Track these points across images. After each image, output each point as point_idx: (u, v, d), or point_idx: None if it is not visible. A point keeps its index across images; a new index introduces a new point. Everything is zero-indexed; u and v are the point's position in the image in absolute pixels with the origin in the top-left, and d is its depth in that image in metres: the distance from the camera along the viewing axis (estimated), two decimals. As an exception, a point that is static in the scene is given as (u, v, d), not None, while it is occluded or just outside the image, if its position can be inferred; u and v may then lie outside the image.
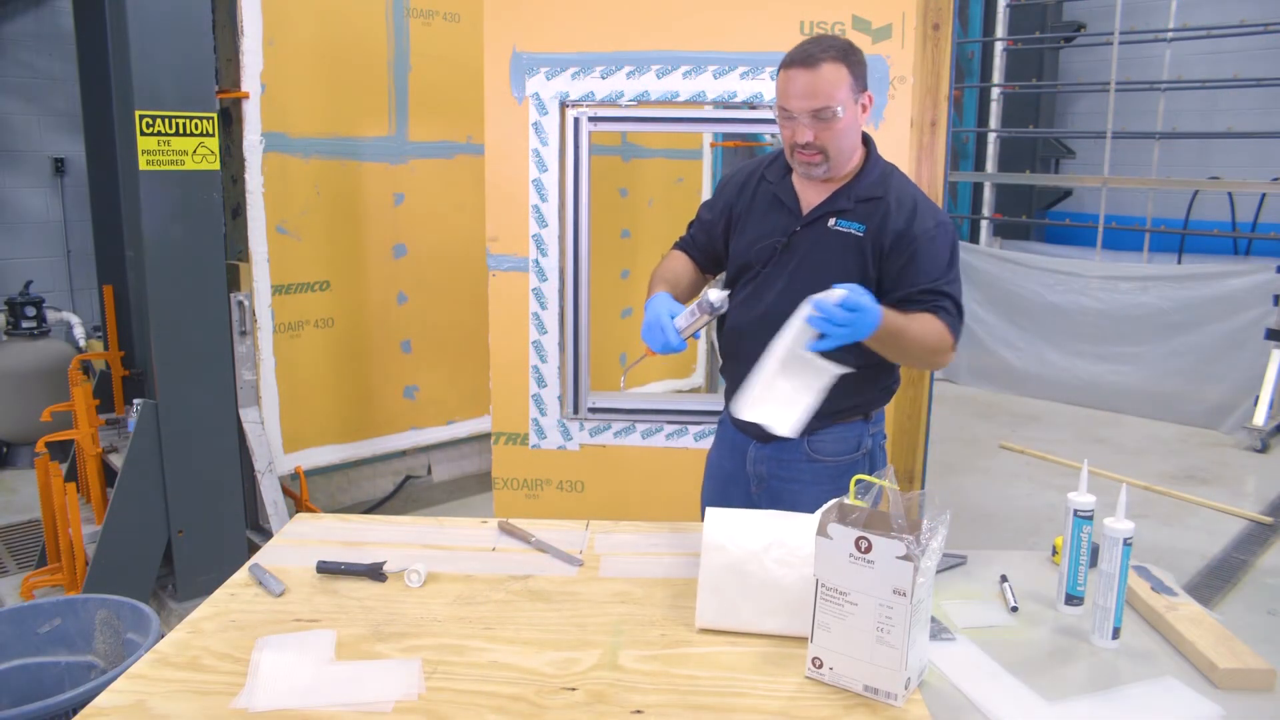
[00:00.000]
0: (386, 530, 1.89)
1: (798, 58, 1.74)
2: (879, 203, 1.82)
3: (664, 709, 1.26)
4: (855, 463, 1.94)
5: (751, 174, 2.00)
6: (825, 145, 1.76)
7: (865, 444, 1.95)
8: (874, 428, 1.98)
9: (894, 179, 1.88)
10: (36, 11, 5.75)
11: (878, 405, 1.98)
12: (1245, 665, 1.35)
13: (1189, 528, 4.16)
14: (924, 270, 1.78)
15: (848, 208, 1.84)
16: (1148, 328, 5.86)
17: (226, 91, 3.38)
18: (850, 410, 1.91)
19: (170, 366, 3.06)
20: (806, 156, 1.78)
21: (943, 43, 2.99)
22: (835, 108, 1.72)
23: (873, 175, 1.86)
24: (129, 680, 1.32)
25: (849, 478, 1.88)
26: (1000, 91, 7.62)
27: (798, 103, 1.73)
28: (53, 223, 5.96)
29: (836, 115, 1.73)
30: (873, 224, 1.81)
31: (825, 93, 1.71)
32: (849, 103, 1.74)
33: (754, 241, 1.92)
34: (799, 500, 1.87)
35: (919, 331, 1.74)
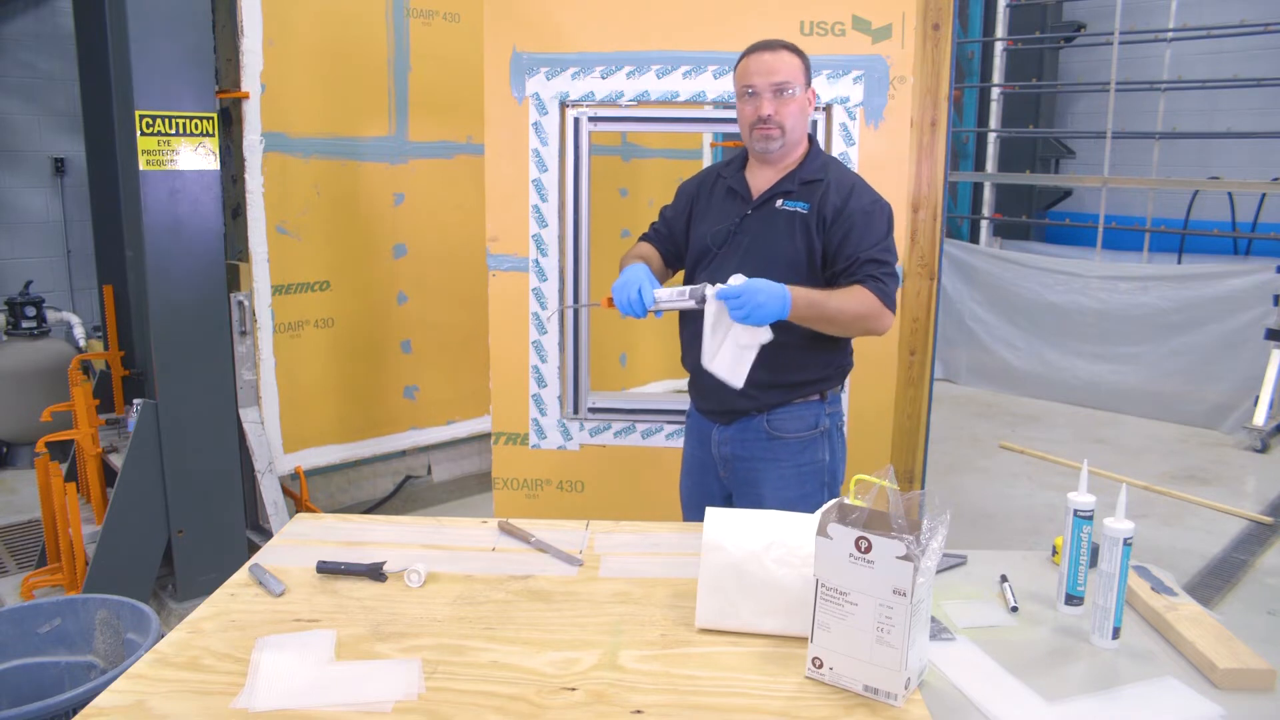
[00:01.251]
0: (386, 530, 1.89)
1: (760, 44, 2.03)
2: (820, 184, 2.02)
3: (664, 709, 1.26)
4: (813, 440, 2.08)
5: (710, 174, 2.22)
6: (782, 121, 1.99)
7: (822, 423, 2.09)
8: (830, 408, 2.11)
9: (834, 166, 2.09)
10: (36, 11, 5.75)
11: (832, 384, 2.10)
12: (1245, 665, 1.35)
13: (1189, 528, 4.16)
14: (857, 242, 1.96)
15: (793, 189, 2.04)
16: (1148, 328, 5.86)
17: (226, 91, 3.38)
18: (805, 387, 2.06)
19: (170, 366, 3.06)
20: (765, 130, 2.00)
21: (943, 43, 2.99)
22: (794, 85, 1.99)
23: (815, 162, 2.07)
24: (129, 680, 1.32)
25: (808, 455, 2.04)
26: (1000, 91, 7.63)
27: (760, 79, 1.98)
28: (53, 223, 5.96)
29: (794, 93, 1.99)
30: (815, 202, 2.01)
31: (785, 70, 1.98)
32: (802, 88, 2.01)
33: (708, 230, 2.11)
34: (763, 478, 2.06)
35: (840, 303, 1.90)
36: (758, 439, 2.07)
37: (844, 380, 2.15)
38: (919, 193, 3.06)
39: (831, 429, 2.10)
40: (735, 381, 1.89)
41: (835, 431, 2.12)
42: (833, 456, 2.11)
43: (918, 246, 3.08)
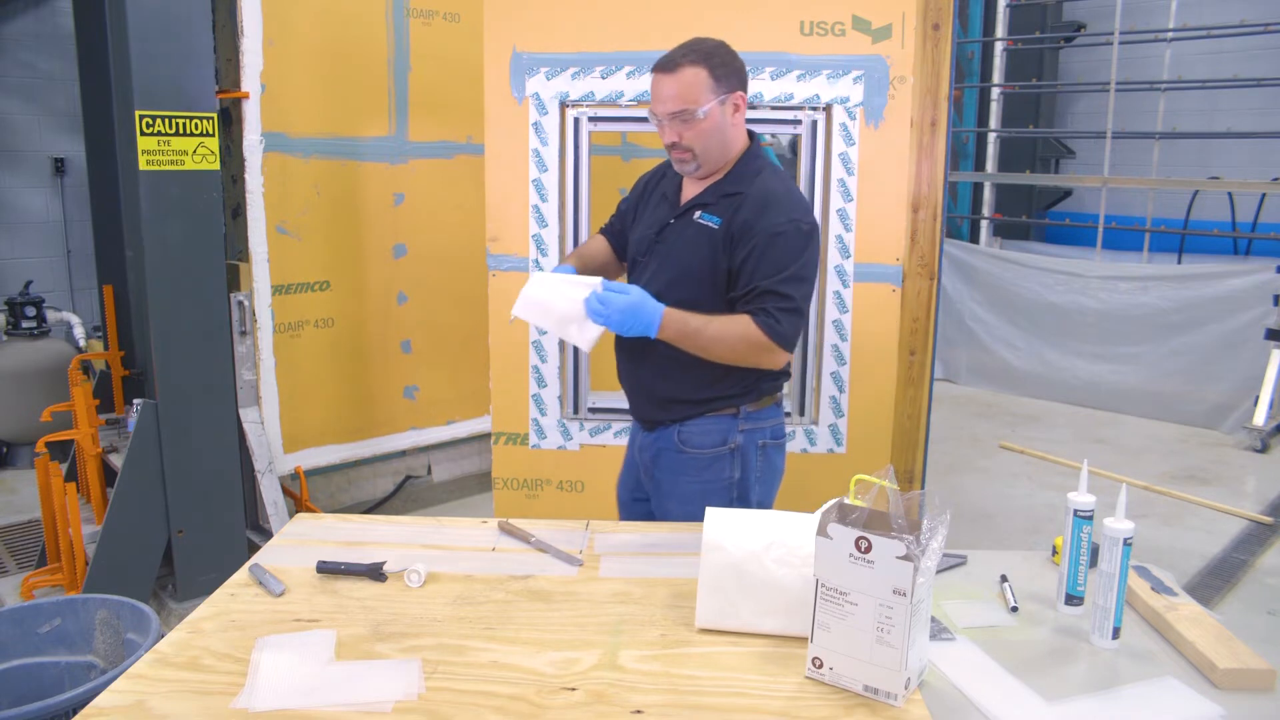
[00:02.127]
0: (386, 530, 1.89)
1: (660, 63, 1.88)
2: (737, 197, 1.89)
3: (664, 709, 1.26)
4: (720, 457, 1.99)
5: (658, 172, 2.12)
6: (691, 145, 1.87)
7: (733, 439, 1.98)
8: (746, 424, 2.00)
9: (762, 177, 1.93)
10: (36, 11, 5.75)
11: (747, 400, 1.99)
12: (1245, 665, 1.35)
13: (1189, 528, 4.16)
14: (754, 269, 1.83)
15: (711, 202, 1.92)
16: (1148, 328, 5.86)
17: (226, 91, 3.38)
18: (716, 402, 1.97)
19: (170, 366, 3.06)
20: (677, 155, 1.91)
21: (943, 43, 2.99)
22: (694, 110, 1.83)
23: (743, 172, 1.93)
24: (129, 680, 1.32)
25: (712, 471, 1.97)
26: (1000, 91, 7.62)
27: (659, 106, 1.87)
28: (53, 223, 5.96)
29: (696, 116, 1.84)
30: (727, 217, 1.89)
31: (681, 96, 1.83)
32: (711, 104, 1.84)
33: (640, 234, 2.05)
34: (673, 490, 2.01)
35: (718, 333, 1.82)
36: (669, 449, 2.02)
37: (769, 397, 2.03)
38: (919, 193, 3.06)
39: (746, 446, 2.00)
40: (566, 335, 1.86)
41: (752, 449, 2.00)
42: (745, 474, 2.01)
43: (918, 246, 3.09)
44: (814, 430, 2.93)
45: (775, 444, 2.05)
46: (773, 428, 2.04)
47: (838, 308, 2.86)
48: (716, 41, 1.92)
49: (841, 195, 2.81)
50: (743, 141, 1.96)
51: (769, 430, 2.03)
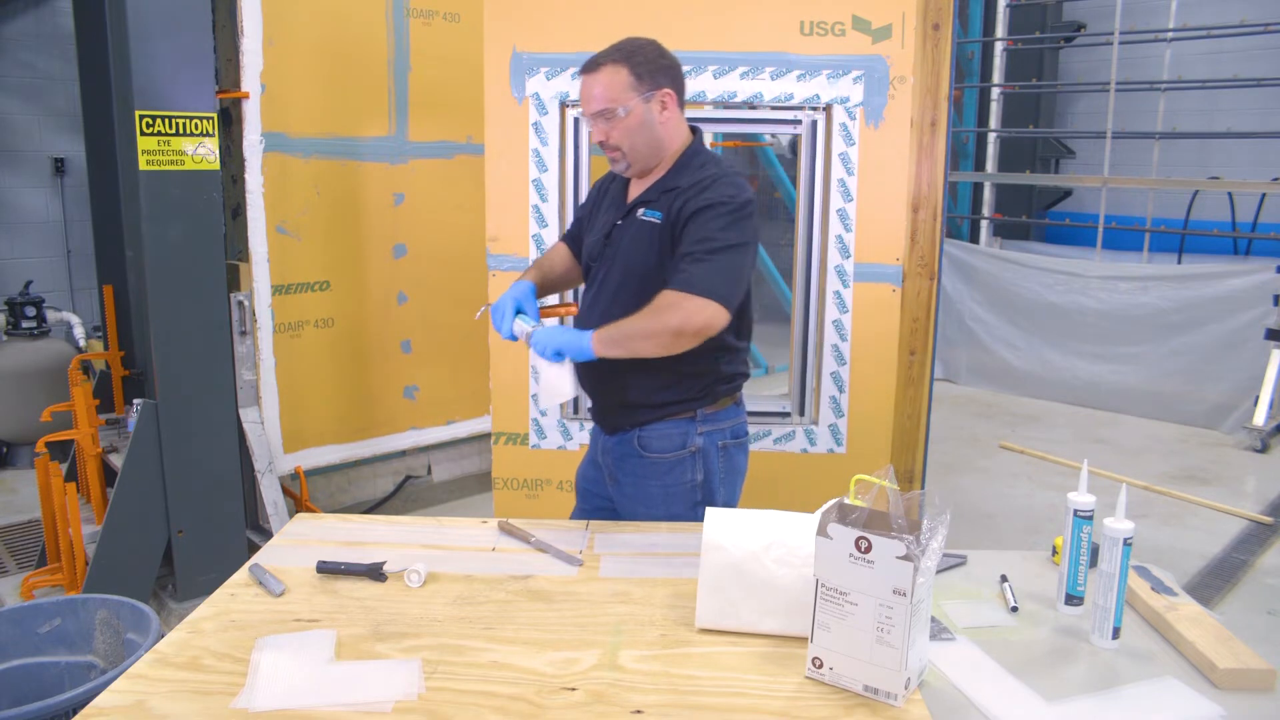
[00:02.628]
0: (386, 530, 1.89)
1: (584, 65, 1.92)
2: (677, 191, 1.90)
3: (664, 709, 1.26)
4: (681, 460, 1.99)
5: (610, 175, 2.12)
6: (619, 143, 1.90)
7: (693, 442, 1.99)
8: (705, 426, 1.99)
9: (700, 169, 1.93)
10: (36, 11, 5.75)
11: (703, 403, 1.99)
12: (1245, 665, 1.35)
13: (1189, 528, 4.16)
14: (689, 237, 1.84)
15: (653, 198, 1.94)
16: (1148, 328, 5.86)
17: (226, 91, 3.38)
18: (673, 406, 1.98)
19: (170, 366, 3.06)
20: (609, 154, 1.94)
21: (943, 43, 2.99)
22: (615, 109, 1.87)
23: (684, 166, 1.94)
24: (129, 680, 1.32)
25: (675, 475, 1.97)
26: (1000, 91, 7.63)
27: (584, 107, 1.91)
28: (53, 223, 5.96)
29: (618, 115, 1.87)
30: (668, 210, 1.90)
31: (600, 96, 1.87)
32: (634, 102, 1.87)
33: (591, 240, 2.08)
34: (637, 494, 2.02)
35: (642, 325, 1.80)
36: (630, 454, 2.02)
37: (727, 398, 2.03)
38: (919, 193, 3.07)
39: (707, 448, 2.00)
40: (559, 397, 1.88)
41: (713, 450, 2.01)
42: (707, 476, 2.01)
43: (918, 246, 3.09)
44: (814, 430, 2.93)
45: (736, 443, 2.06)
46: (733, 427, 2.05)
47: (838, 308, 2.86)
48: (645, 40, 1.95)
49: (841, 195, 2.81)
50: (683, 137, 1.97)
51: (729, 430, 2.03)
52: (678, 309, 1.77)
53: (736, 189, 1.88)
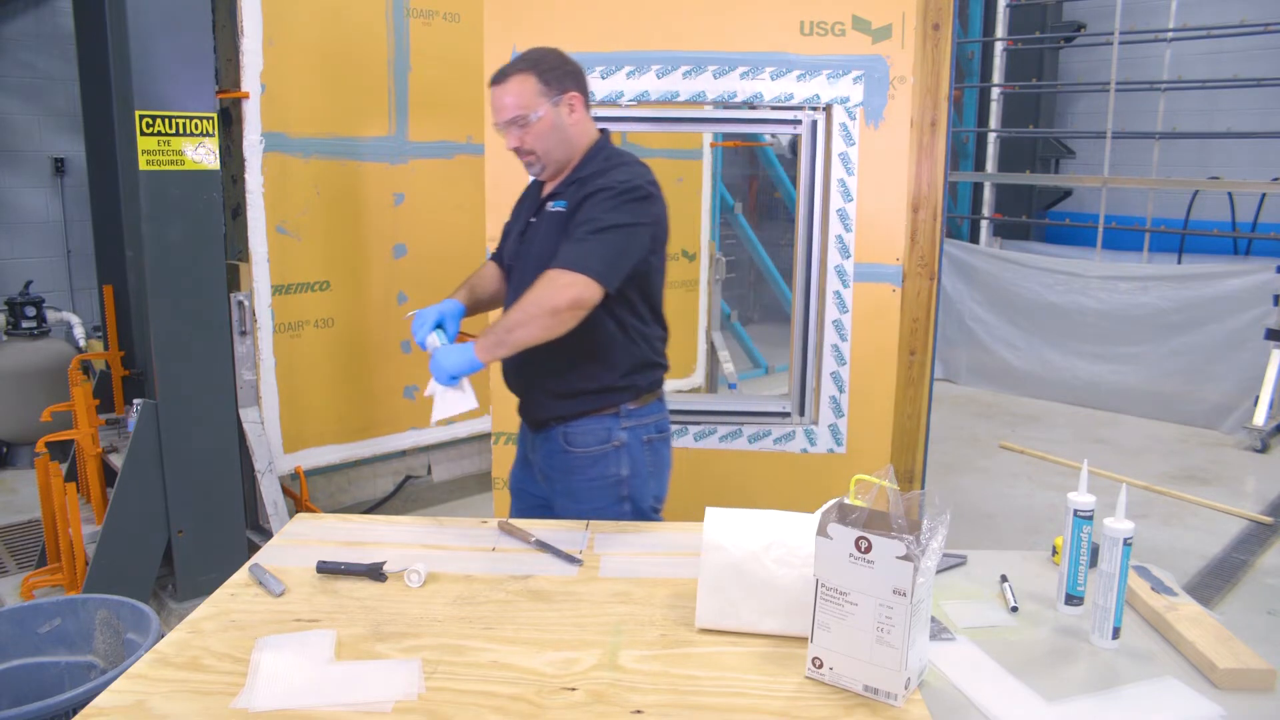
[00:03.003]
0: (386, 530, 1.89)
1: (492, 77, 1.99)
2: (580, 180, 1.99)
3: (664, 709, 1.26)
4: (605, 455, 2.03)
5: (526, 188, 2.23)
6: (533, 147, 1.98)
7: (617, 437, 2.03)
8: (629, 421, 2.04)
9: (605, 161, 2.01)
10: (36, 11, 5.75)
11: (626, 398, 2.04)
12: (1245, 665, 1.35)
13: (1189, 528, 4.16)
14: (576, 221, 1.91)
15: (560, 192, 2.03)
16: (1148, 328, 5.86)
17: (226, 91, 3.38)
18: (594, 399, 2.02)
19: (170, 366, 3.06)
20: (524, 159, 2.02)
21: (943, 43, 2.99)
22: (527, 115, 1.95)
23: (590, 159, 2.03)
24: (129, 680, 1.32)
25: (599, 468, 2.02)
26: (1000, 91, 7.63)
27: (496, 117, 1.98)
28: (53, 223, 5.96)
29: (528, 121, 1.95)
30: (572, 199, 1.98)
31: (511, 104, 1.95)
32: (543, 107, 1.96)
33: (510, 244, 2.15)
34: (565, 489, 2.07)
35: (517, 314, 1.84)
36: (557, 450, 2.06)
37: (649, 393, 2.08)
38: (919, 193, 3.07)
39: (631, 443, 2.04)
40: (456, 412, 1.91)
41: (637, 444, 2.05)
42: (633, 471, 2.05)
43: (918, 246, 3.09)
44: (814, 430, 2.93)
45: (660, 438, 2.11)
46: (656, 422, 2.10)
47: (838, 308, 2.86)
48: (547, 49, 2.03)
49: (841, 195, 2.81)
50: (590, 136, 2.05)
51: (653, 425, 2.09)
52: (547, 285, 1.83)
53: (631, 175, 1.95)
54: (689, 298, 5.20)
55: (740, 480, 2.95)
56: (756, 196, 8.85)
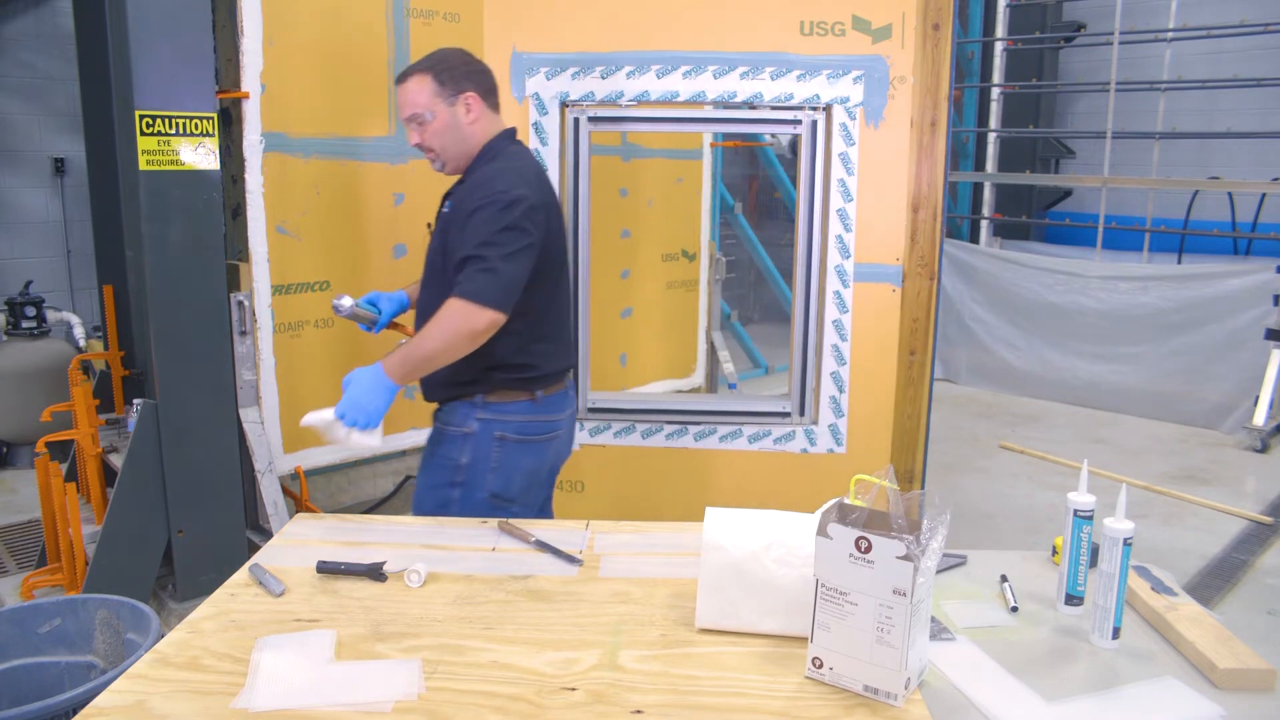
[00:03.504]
0: (386, 530, 1.89)
1: (398, 76, 2.09)
2: (465, 184, 2.08)
3: (664, 709, 1.26)
4: (455, 438, 2.12)
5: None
6: (431, 144, 2.07)
7: (469, 425, 2.10)
8: (484, 413, 2.10)
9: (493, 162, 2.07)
10: (36, 11, 5.75)
11: (480, 389, 2.10)
12: (1245, 665, 1.35)
13: (1189, 528, 4.16)
14: (463, 244, 1.96)
15: (453, 192, 2.13)
16: (1148, 328, 5.86)
17: (226, 91, 3.38)
18: (456, 388, 2.11)
19: (170, 366, 3.06)
20: (427, 155, 2.11)
21: (943, 43, 2.99)
22: (423, 114, 2.04)
23: (480, 158, 2.09)
24: (129, 680, 1.32)
25: (445, 448, 2.10)
26: (1000, 91, 7.63)
27: (400, 114, 2.08)
28: (53, 223, 5.96)
29: (426, 119, 2.05)
30: (456, 201, 2.07)
31: (410, 103, 2.06)
32: (439, 107, 2.04)
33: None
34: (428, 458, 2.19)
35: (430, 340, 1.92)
36: (435, 426, 2.19)
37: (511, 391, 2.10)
38: (919, 193, 3.06)
39: (480, 434, 2.08)
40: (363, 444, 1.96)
41: (487, 437, 2.08)
42: (473, 461, 2.09)
43: (918, 246, 3.08)
44: (814, 430, 2.93)
45: (520, 440, 2.10)
46: (520, 423, 2.10)
47: (838, 308, 2.86)
48: (453, 50, 2.11)
49: (841, 195, 2.81)
50: (488, 135, 2.11)
51: (513, 425, 2.10)
52: (453, 318, 1.91)
53: (509, 184, 1.98)
54: (689, 298, 5.20)
55: (740, 480, 2.95)
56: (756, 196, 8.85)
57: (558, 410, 2.18)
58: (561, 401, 2.20)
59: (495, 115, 2.14)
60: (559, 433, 2.20)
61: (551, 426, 2.17)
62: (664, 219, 4.89)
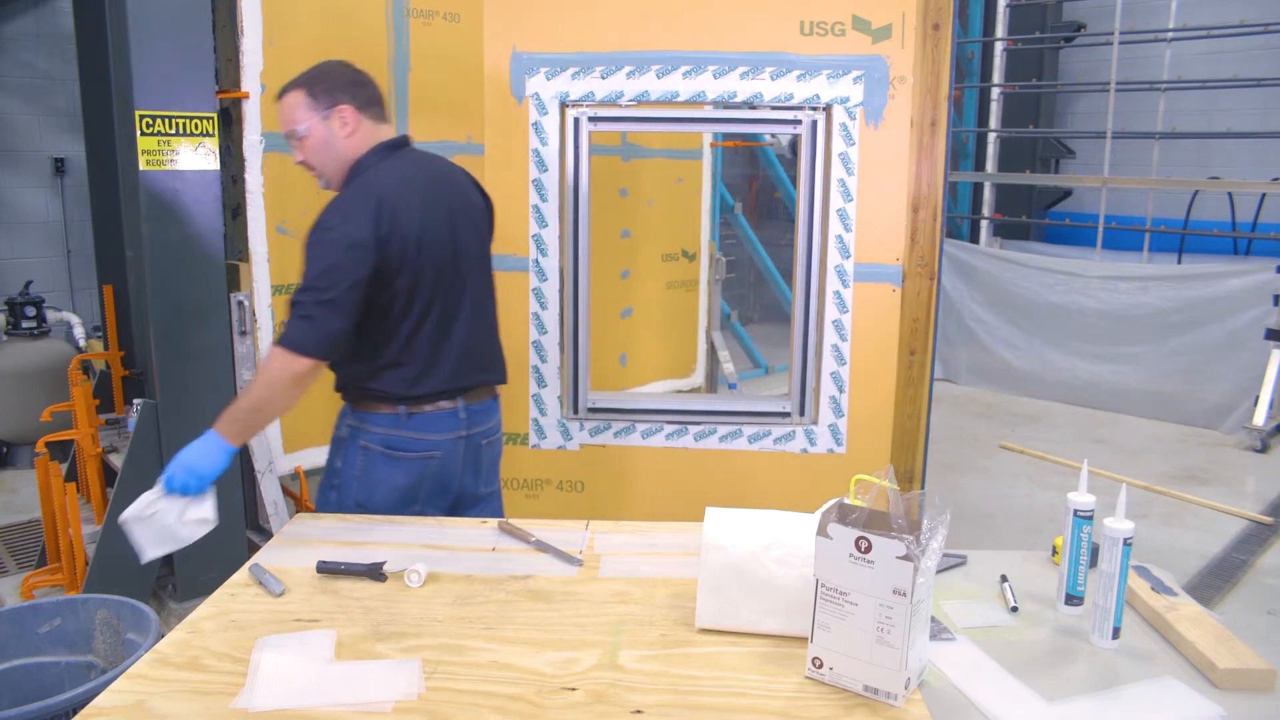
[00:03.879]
0: (386, 530, 1.89)
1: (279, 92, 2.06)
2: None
3: (664, 709, 1.26)
4: (336, 440, 2.11)
5: None
6: (309, 159, 2.04)
7: (343, 429, 2.09)
8: (352, 420, 2.07)
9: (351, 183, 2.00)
10: (36, 11, 5.75)
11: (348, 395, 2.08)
12: (1245, 665, 1.35)
13: (1189, 528, 4.16)
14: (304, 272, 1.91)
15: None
16: (1148, 328, 5.86)
17: (226, 91, 3.38)
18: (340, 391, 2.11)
19: (170, 366, 3.06)
20: (311, 172, 2.08)
21: (943, 43, 2.99)
22: (297, 129, 2.01)
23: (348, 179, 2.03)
24: (129, 680, 1.32)
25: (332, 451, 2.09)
26: (1000, 91, 7.63)
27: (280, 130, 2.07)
28: (53, 223, 5.96)
29: (300, 134, 2.01)
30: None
31: (285, 119, 2.04)
32: (313, 122, 2.00)
33: None
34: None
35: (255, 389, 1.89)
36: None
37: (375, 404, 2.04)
38: (919, 193, 3.06)
39: (350, 441, 2.06)
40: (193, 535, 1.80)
41: (354, 446, 2.05)
42: (344, 466, 2.06)
43: (918, 246, 3.08)
44: (814, 430, 2.93)
45: (384, 453, 2.03)
46: (383, 436, 2.03)
47: (838, 308, 2.86)
48: (333, 63, 2.08)
49: (841, 195, 2.81)
50: (364, 148, 2.02)
51: (377, 437, 2.03)
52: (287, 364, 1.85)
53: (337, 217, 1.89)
54: (689, 298, 5.19)
55: (740, 480, 2.95)
56: (756, 196, 8.85)
57: (434, 430, 2.04)
58: (442, 422, 2.05)
59: (377, 126, 2.04)
60: (437, 454, 2.06)
61: (425, 445, 2.04)
62: (664, 219, 4.89)
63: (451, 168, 2.18)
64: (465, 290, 2.07)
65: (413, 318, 1.98)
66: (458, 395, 2.06)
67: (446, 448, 2.06)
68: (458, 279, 2.05)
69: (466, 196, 2.14)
